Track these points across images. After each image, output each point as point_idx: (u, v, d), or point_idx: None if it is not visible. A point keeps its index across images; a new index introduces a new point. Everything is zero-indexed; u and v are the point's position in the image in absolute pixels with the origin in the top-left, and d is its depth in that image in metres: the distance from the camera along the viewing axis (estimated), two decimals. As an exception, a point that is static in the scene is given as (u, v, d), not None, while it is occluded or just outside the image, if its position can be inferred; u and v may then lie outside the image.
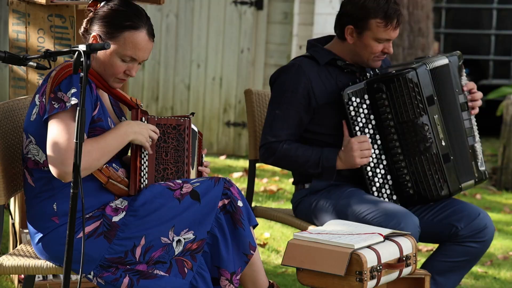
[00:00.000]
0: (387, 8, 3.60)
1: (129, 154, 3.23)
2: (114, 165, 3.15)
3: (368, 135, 3.65)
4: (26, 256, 3.20)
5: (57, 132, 2.98)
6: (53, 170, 2.98)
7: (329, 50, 3.76)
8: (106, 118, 3.12)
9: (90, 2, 3.19)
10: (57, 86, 3.02)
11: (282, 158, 3.69)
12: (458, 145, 3.73)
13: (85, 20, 3.17)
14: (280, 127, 3.69)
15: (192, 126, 3.29)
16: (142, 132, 3.12)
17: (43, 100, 3.06)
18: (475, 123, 3.82)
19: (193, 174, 3.29)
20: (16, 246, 3.71)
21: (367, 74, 3.70)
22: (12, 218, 3.81)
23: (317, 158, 3.66)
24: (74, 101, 2.98)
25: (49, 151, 2.98)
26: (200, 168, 3.36)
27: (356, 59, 3.72)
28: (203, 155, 3.40)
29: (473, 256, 3.71)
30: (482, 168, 3.81)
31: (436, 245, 3.82)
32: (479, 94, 3.81)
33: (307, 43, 3.83)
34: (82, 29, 3.18)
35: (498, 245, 5.45)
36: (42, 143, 3.06)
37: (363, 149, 3.61)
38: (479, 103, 3.81)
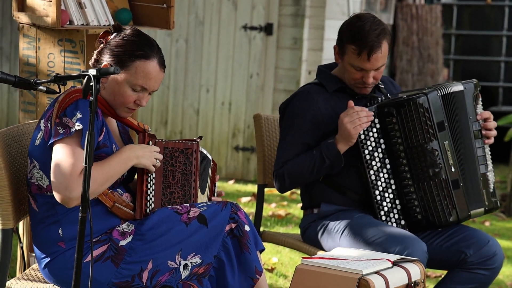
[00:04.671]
0: (365, 37, 3.56)
1: (135, 178, 3.23)
2: (118, 190, 3.15)
3: (377, 159, 3.65)
4: (34, 280, 3.20)
5: (62, 157, 2.98)
6: (56, 195, 2.98)
7: (336, 76, 3.76)
8: (111, 145, 3.12)
9: (101, 33, 3.20)
10: (63, 112, 3.03)
11: (292, 175, 3.67)
12: (469, 172, 3.72)
13: (96, 51, 3.19)
14: (287, 154, 3.69)
15: (207, 153, 3.30)
16: (146, 156, 3.12)
17: (49, 125, 3.07)
18: (489, 152, 3.80)
19: (203, 199, 3.28)
20: (24, 270, 3.71)
21: (378, 98, 3.70)
22: (20, 242, 3.81)
23: (319, 153, 3.63)
24: (78, 126, 2.99)
25: (53, 176, 2.98)
26: (213, 198, 3.36)
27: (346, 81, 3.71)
28: (216, 184, 3.40)
29: (482, 283, 3.69)
30: (494, 198, 3.79)
31: (445, 271, 3.80)
32: (493, 124, 3.78)
33: (317, 69, 3.84)
34: (92, 60, 3.19)
35: (507, 272, 5.42)
36: (46, 168, 3.07)
37: (353, 118, 3.57)
38: (494, 133, 3.77)
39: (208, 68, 7.69)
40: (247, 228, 3.15)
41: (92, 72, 2.75)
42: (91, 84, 2.74)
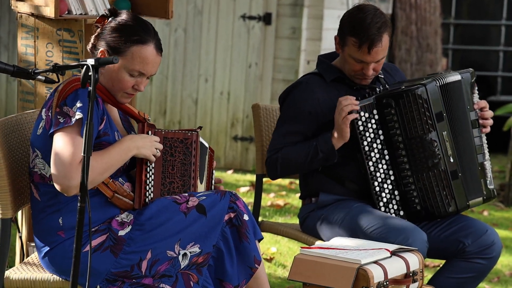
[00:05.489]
0: (366, 30, 3.55)
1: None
2: (120, 179, 3.15)
3: (376, 150, 3.65)
4: (33, 270, 3.21)
5: (62, 146, 2.98)
6: (56, 184, 2.99)
7: (336, 67, 3.75)
8: (113, 133, 3.12)
9: (97, 18, 3.20)
10: (63, 101, 3.03)
11: (285, 163, 3.68)
12: (467, 162, 3.72)
13: (93, 36, 3.18)
14: (281, 142, 3.69)
15: (203, 141, 3.30)
16: (146, 146, 3.12)
17: (49, 114, 3.07)
18: (486, 141, 3.80)
19: (202, 188, 3.29)
20: (23, 260, 3.72)
21: (377, 89, 3.70)
22: (19, 232, 3.82)
23: (315, 145, 3.64)
24: (79, 115, 2.99)
25: (52, 165, 2.98)
26: (212, 187, 3.37)
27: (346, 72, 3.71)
28: (214, 172, 3.40)
29: (480, 273, 3.69)
30: (491, 187, 3.79)
31: (443, 261, 3.81)
32: (490, 113, 3.77)
33: (317, 59, 3.83)
34: (90, 45, 3.19)
35: (505, 262, 5.43)
36: (48, 157, 3.07)
37: (338, 109, 3.56)
38: (490, 122, 3.77)
39: (207, 58, 7.68)
40: (246, 217, 3.15)
41: (90, 61, 2.74)
42: (90, 74, 2.74)
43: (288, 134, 3.70)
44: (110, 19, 3.17)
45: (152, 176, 3.16)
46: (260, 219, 4.15)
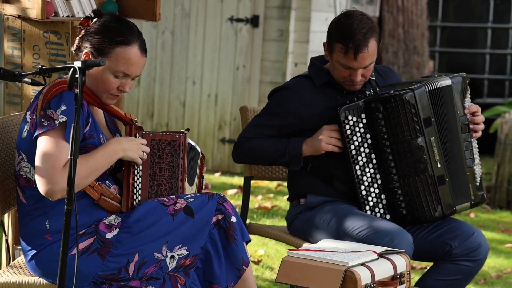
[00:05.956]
0: (352, 36, 3.55)
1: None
2: (107, 182, 3.15)
3: (363, 154, 3.66)
4: (19, 273, 3.19)
5: (45, 149, 2.97)
6: (40, 188, 2.97)
7: (327, 70, 3.76)
8: (98, 135, 3.11)
9: (81, 19, 3.19)
10: (47, 104, 3.02)
11: (251, 151, 3.73)
12: (455, 167, 3.71)
13: (77, 37, 3.17)
14: (254, 132, 3.72)
15: (196, 145, 3.29)
16: (132, 148, 3.11)
17: (34, 117, 3.06)
18: (476, 146, 3.79)
19: (191, 191, 3.28)
20: (9, 263, 3.70)
21: (367, 92, 3.69)
22: (5, 235, 3.80)
23: (284, 146, 3.67)
24: (62, 119, 2.98)
25: (36, 169, 2.97)
26: (202, 191, 3.37)
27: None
28: (204, 176, 3.41)
29: (467, 275, 3.70)
30: (480, 192, 3.78)
31: (431, 263, 3.82)
32: (481, 118, 3.76)
33: (309, 61, 3.83)
34: (74, 46, 3.18)
35: (492, 264, 5.44)
36: (33, 161, 3.05)
37: (331, 136, 3.62)
38: (481, 127, 3.76)
39: (194, 60, 7.68)
40: (233, 219, 3.15)
41: (77, 64, 2.73)
42: (76, 76, 2.73)
43: (263, 126, 3.73)
44: (94, 20, 3.16)
45: (140, 178, 3.15)
46: (247, 221, 4.15)
